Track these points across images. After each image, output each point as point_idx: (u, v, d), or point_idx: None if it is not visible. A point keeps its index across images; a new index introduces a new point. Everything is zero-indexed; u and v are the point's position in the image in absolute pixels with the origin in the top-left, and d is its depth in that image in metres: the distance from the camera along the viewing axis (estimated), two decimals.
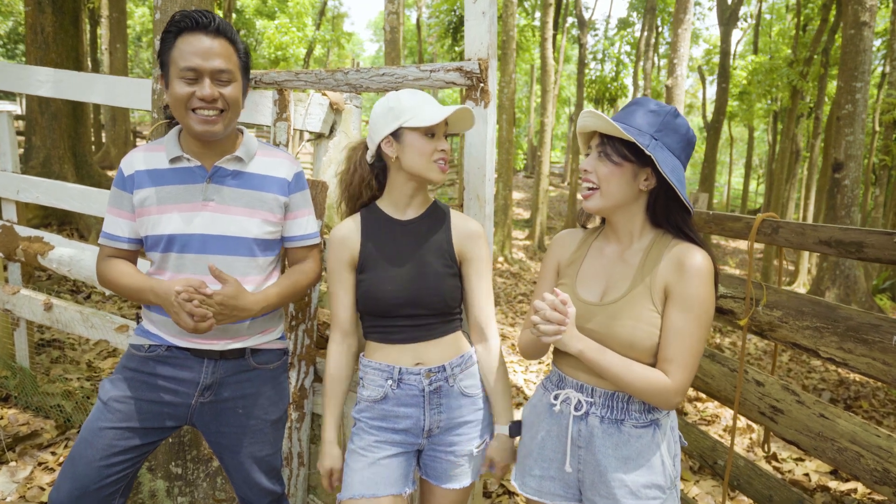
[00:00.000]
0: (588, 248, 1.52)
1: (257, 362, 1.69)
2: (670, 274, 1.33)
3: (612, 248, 1.47)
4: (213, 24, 1.46)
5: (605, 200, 1.39)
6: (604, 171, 1.38)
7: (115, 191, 1.60)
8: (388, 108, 1.56)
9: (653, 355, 1.35)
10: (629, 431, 1.39)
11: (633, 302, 1.35)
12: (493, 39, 1.82)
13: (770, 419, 1.93)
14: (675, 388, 1.31)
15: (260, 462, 1.69)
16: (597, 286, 1.45)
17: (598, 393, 1.42)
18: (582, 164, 1.43)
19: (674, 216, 1.40)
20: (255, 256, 1.62)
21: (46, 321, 2.90)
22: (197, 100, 1.46)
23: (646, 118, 1.36)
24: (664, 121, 1.35)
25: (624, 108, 1.42)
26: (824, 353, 1.75)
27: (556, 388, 1.51)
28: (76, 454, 1.52)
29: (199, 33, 1.46)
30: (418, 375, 1.58)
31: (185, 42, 1.46)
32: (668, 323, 1.32)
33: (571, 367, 1.48)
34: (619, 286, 1.40)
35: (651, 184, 1.38)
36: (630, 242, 1.44)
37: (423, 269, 1.59)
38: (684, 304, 1.31)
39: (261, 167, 1.63)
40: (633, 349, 1.34)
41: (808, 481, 3.54)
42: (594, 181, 1.39)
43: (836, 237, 1.76)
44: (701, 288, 1.30)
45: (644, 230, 1.44)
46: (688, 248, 1.34)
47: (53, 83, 2.76)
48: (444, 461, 1.62)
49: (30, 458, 2.69)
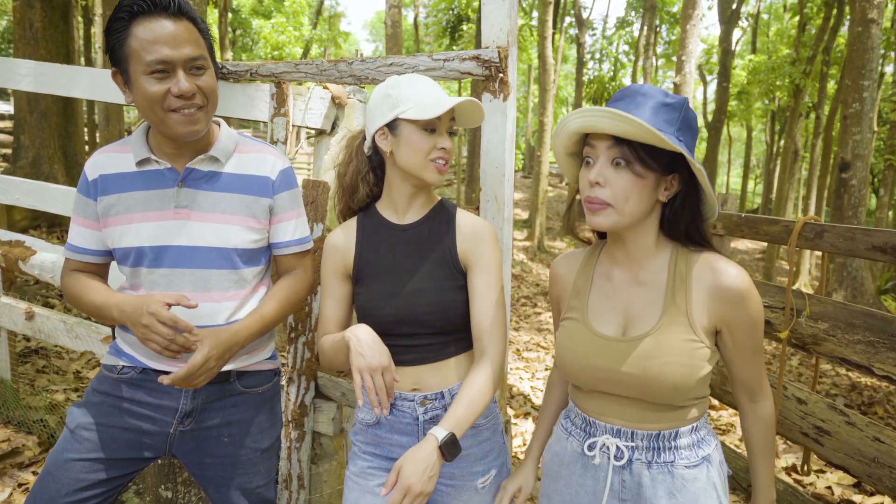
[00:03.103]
0: (593, 274, 1.30)
1: (244, 386, 1.49)
2: (716, 301, 1.14)
3: (622, 271, 1.24)
4: (174, 4, 1.24)
5: (621, 217, 1.14)
6: (623, 184, 1.11)
7: (79, 197, 1.40)
8: (385, 94, 1.35)
9: (698, 387, 1.16)
10: (682, 474, 1.18)
11: (669, 334, 1.14)
12: (514, 25, 1.65)
13: (814, 441, 1.77)
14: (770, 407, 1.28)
15: (250, 495, 1.51)
16: (614, 318, 1.22)
17: (639, 436, 1.21)
18: (590, 174, 1.14)
19: (693, 226, 1.19)
20: (237, 269, 1.42)
21: (28, 331, 2.72)
22: (174, 98, 1.25)
23: (662, 114, 1.10)
24: (683, 116, 1.12)
25: (622, 96, 1.15)
26: (879, 370, 1.59)
27: (586, 434, 1.28)
28: (38, 490, 1.34)
29: (158, 17, 1.23)
30: (412, 402, 1.39)
31: (145, 29, 1.22)
32: (738, 350, 1.20)
33: (600, 412, 1.26)
34: (646, 316, 1.18)
35: (671, 193, 1.16)
36: (643, 261, 1.22)
37: (422, 283, 1.38)
38: (747, 328, 1.16)
39: (240, 166, 1.43)
40: (678, 390, 1.14)
41: (832, 495, 3.38)
42: (608, 198, 1.13)
43: (893, 242, 1.60)
44: (756, 308, 1.16)
45: (658, 245, 1.22)
46: (723, 268, 1.15)
47: (35, 76, 2.58)
48: (439, 493, 1.44)
49: (9, 479, 2.51)
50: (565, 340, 1.26)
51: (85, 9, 13.94)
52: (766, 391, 1.26)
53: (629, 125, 1.05)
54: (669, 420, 1.19)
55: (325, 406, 2.11)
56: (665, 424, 1.19)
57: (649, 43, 18.42)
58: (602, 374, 1.19)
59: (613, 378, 1.18)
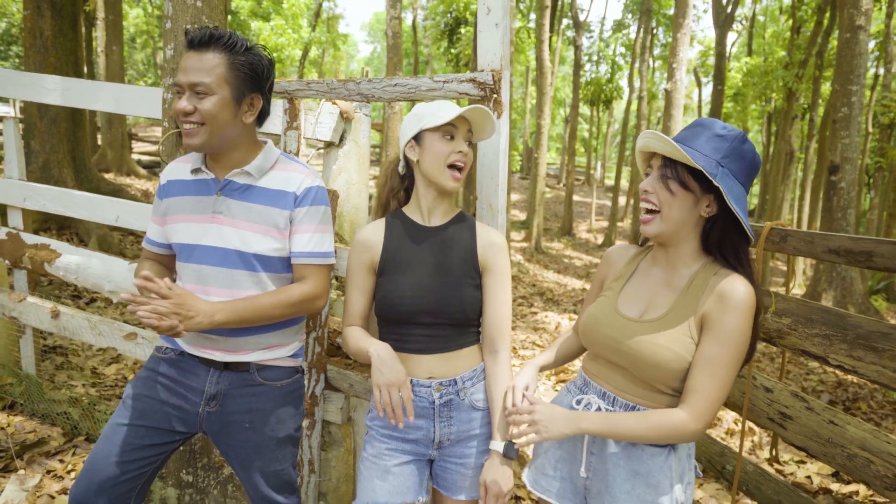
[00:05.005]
0: (636, 267, 1.52)
1: (263, 378, 1.67)
2: (711, 303, 1.31)
3: (659, 272, 1.45)
4: (202, 39, 1.49)
5: (665, 225, 1.36)
6: (665, 196, 1.34)
7: (155, 198, 1.70)
8: (413, 114, 1.61)
9: (680, 379, 1.34)
10: (643, 448, 1.38)
11: (670, 324, 1.34)
12: (507, 51, 1.83)
13: (779, 425, 1.95)
14: (691, 421, 1.28)
15: (269, 476, 1.69)
16: (638, 304, 1.44)
17: (619, 403, 1.43)
18: (642, 184, 1.39)
19: (727, 244, 1.36)
20: (257, 272, 1.60)
21: (53, 329, 2.90)
22: (180, 113, 1.51)
23: (712, 143, 1.31)
24: (732, 146, 1.31)
25: (687, 127, 1.38)
26: (833, 360, 1.77)
27: (580, 391, 1.52)
28: (97, 449, 1.57)
29: (190, 48, 1.52)
30: (429, 388, 1.58)
31: (182, 58, 1.53)
32: (699, 352, 1.30)
33: (597, 373, 1.50)
34: (659, 307, 1.39)
35: (712, 210, 1.34)
36: (678, 267, 1.41)
37: (445, 276, 1.58)
38: (719, 335, 1.28)
39: (273, 182, 1.62)
40: (659, 369, 1.33)
41: (811, 484, 3.56)
42: (655, 203, 1.36)
43: (846, 246, 1.79)
44: (739, 321, 1.27)
45: (694, 257, 1.40)
46: (733, 280, 1.30)
47: (61, 91, 2.76)
48: (454, 472, 1.62)
49: (38, 466, 2.68)
50: (593, 309, 1.51)
51: (87, 13, 14.09)
52: (702, 413, 1.28)
53: (664, 144, 1.32)
54: (646, 399, 1.39)
55: (335, 396, 2.29)
56: (641, 401, 1.40)
57: (645, 45, 18.62)
58: (607, 342, 1.42)
59: (613, 346, 1.41)
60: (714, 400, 1.28)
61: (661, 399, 1.38)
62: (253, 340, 1.64)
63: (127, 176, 12.99)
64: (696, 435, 1.30)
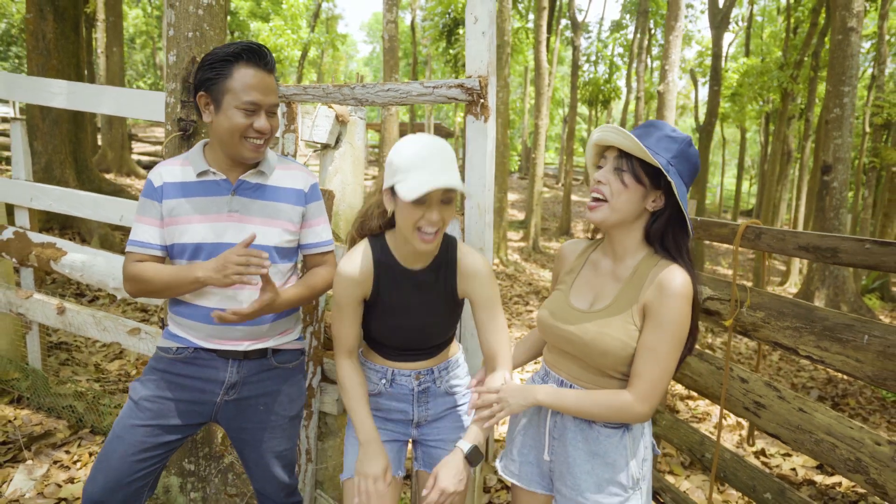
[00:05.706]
0: (586, 260, 1.61)
1: (278, 361, 1.80)
2: (651, 292, 1.40)
3: (607, 263, 1.54)
4: (271, 61, 1.60)
5: (611, 214, 1.44)
6: (617, 187, 1.42)
7: (145, 200, 1.67)
8: (390, 161, 1.48)
9: (627, 364, 1.43)
10: (599, 430, 1.50)
11: (614, 313, 1.44)
12: (493, 57, 1.93)
13: (754, 414, 2.05)
14: (637, 402, 1.37)
15: (279, 456, 1.81)
16: (587, 296, 1.54)
17: (575, 389, 1.53)
18: (598, 174, 1.46)
19: (669, 237, 1.45)
20: (275, 263, 1.73)
21: (59, 325, 2.99)
22: (253, 130, 1.59)
23: (663, 143, 1.40)
24: (681, 149, 1.41)
25: (640, 126, 1.46)
26: (803, 351, 1.87)
27: (542, 381, 1.64)
28: (110, 450, 1.62)
29: (258, 68, 1.57)
30: (409, 377, 1.74)
31: (246, 74, 1.55)
32: (642, 339, 1.39)
33: (554, 363, 1.61)
34: (606, 298, 1.49)
35: (658, 205, 1.44)
36: (623, 258, 1.50)
37: (429, 318, 1.67)
38: (659, 322, 1.36)
39: (280, 180, 1.74)
40: (606, 357, 1.43)
41: (795, 476, 3.66)
42: (605, 193, 1.44)
43: (814, 243, 1.89)
44: (676, 309, 1.35)
45: (638, 248, 1.49)
46: (671, 270, 1.38)
47: (67, 95, 2.85)
48: (434, 449, 1.78)
49: (45, 457, 2.78)
50: (548, 303, 1.61)
51: (87, 15, 14.18)
52: (646, 395, 1.37)
53: (624, 139, 1.39)
54: (599, 385, 1.50)
55: (330, 388, 2.39)
56: (595, 387, 1.50)
57: (643, 46, 18.72)
58: (561, 333, 1.52)
59: (566, 337, 1.51)
60: (656, 383, 1.37)
61: (612, 384, 1.49)
62: (273, 326, 1.76)
63: (127, 176, 13.08)
64: (643, 416, 1.40)
